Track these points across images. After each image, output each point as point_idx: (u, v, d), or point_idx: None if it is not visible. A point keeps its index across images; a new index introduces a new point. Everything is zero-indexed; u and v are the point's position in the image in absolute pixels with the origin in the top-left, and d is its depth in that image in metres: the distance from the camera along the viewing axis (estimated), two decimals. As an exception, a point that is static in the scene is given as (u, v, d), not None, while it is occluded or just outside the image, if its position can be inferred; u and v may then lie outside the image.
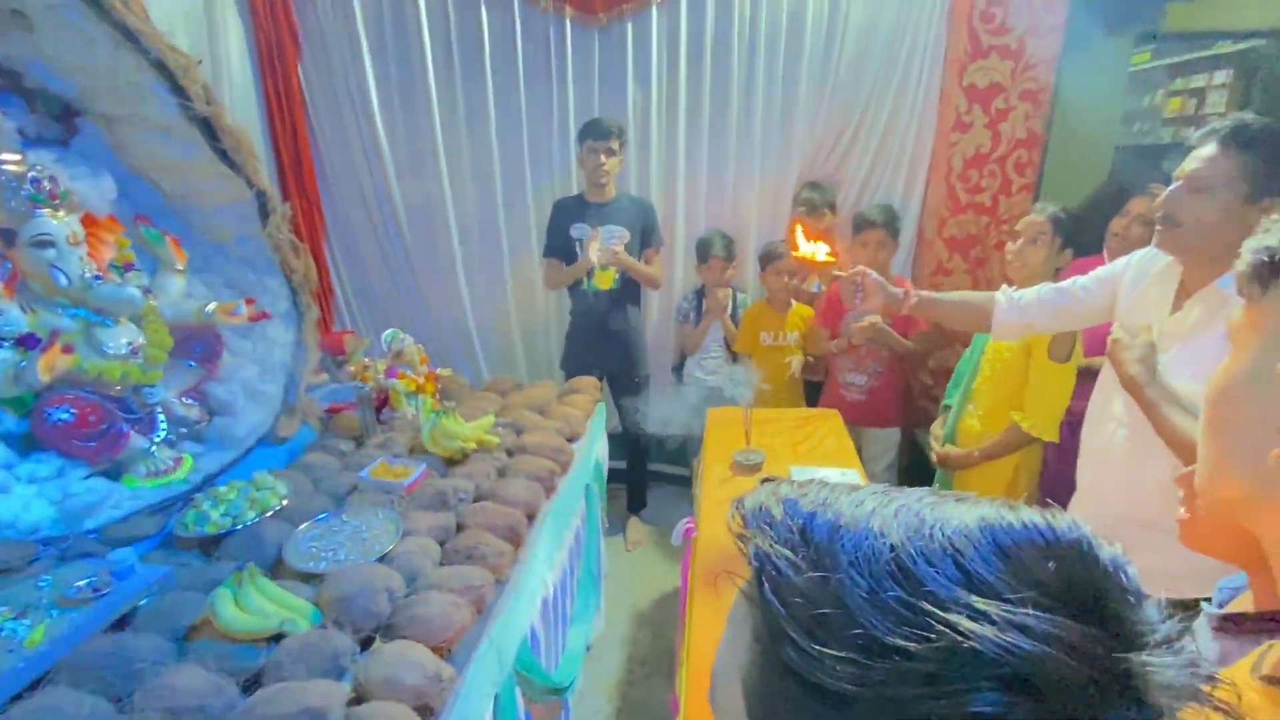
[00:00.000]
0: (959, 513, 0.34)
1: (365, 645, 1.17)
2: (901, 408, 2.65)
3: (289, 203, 2.61)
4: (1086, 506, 1.43)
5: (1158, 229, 1.22)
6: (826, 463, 2.00)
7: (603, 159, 2.47)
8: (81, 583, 1.20)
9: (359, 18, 2.62)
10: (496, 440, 1.87)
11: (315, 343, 2.06)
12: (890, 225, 2.43)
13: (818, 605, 0.31)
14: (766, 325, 2.66)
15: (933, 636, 0.29)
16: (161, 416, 1.67)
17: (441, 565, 1.39)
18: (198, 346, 1.79)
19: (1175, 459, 1.14)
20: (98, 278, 1.51)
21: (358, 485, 1.67)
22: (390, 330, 2.16)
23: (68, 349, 1.46)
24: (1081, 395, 1.59)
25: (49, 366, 1.41)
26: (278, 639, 1.14)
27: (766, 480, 0.40)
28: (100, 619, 1.15)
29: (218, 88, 2.33)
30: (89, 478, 1.50)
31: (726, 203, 2.84)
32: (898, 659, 0.29)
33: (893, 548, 0.32)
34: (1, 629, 1.10)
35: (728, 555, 0.41)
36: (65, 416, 1.47)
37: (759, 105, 2.66)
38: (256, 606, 1.17)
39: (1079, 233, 1.92)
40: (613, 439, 2.70)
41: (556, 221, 2.64)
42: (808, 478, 0.39)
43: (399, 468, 1.70)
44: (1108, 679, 0.29)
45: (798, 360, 2.68)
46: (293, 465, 1.79)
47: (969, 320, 1.58)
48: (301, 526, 1.46)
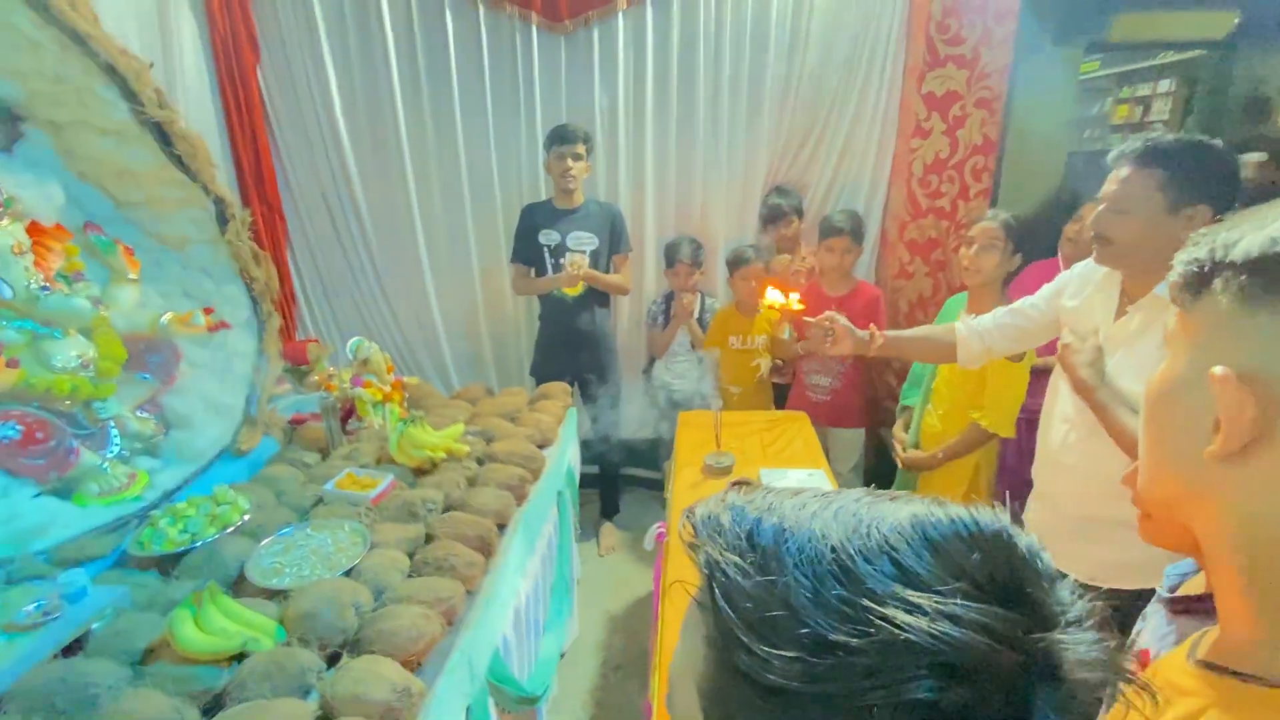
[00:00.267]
0: (893, 511, 0.36)
1: (332, 662, 1.15)
2: (866, 409, 2.71)
3: (249, 209, 2.55)
4: (1044, 504, 1.47)
5: (1094, 247, 1.28)
6: (795, 464, 2.02)
7: (569, 164, 2.48)
8: (30, 607, 1.15)
9: (320, 21, 2.58)
10: (466, 449, 1.86)
11: (278, 352, 2.01)
12: (855, 230, 2.49)
13: (766, 608, 0.32)
14: (735, 329, 2.69)
15: (871, 631, 0.30)
16: (114, 431, 1.61)
17: (411, 577, 1.37)
18: (153, 358, 1.74)
19: (1125, 457, 1.19)
20: (45, 288, 1.45)
21: (323, 498, 1.64)
22: (355, 338, 2.12)
23: (13, 363, 1.40)
24: (1036, 393, 1.65)
25: (-7, 382, 1.36)
26: (240, 659, 1.11)
27: (737, 483, 0.41)
28: (51, 644, 1.11)
29: (172, 92, 2.27)
30: (37, 497, 1.44)
31: (695, 208, 2.86)
32: (840, 654, 0.30)
33: (834, 548, 0.33)
34: (-57, 658, 1.05)
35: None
36: (11, 433, 1.41)
37: (725, 112, 2.69)
38: (217, 626, 1.14)
39: (1030, 238, 1.99)
40: (584, 444, 2.69)
41: (525, 227, 2.63)
42: (775, 481, 0.40)
43: (365, 479, 1.67)
44: (1029, 659, 0.31)
45: (766, 363, 2.72)
46: (255, 479, 1.75)
47: (934, 353, 1.62)
48: (264, 542, 1.43)
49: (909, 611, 0.31)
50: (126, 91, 1.55)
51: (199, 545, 1.40)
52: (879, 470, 2.82)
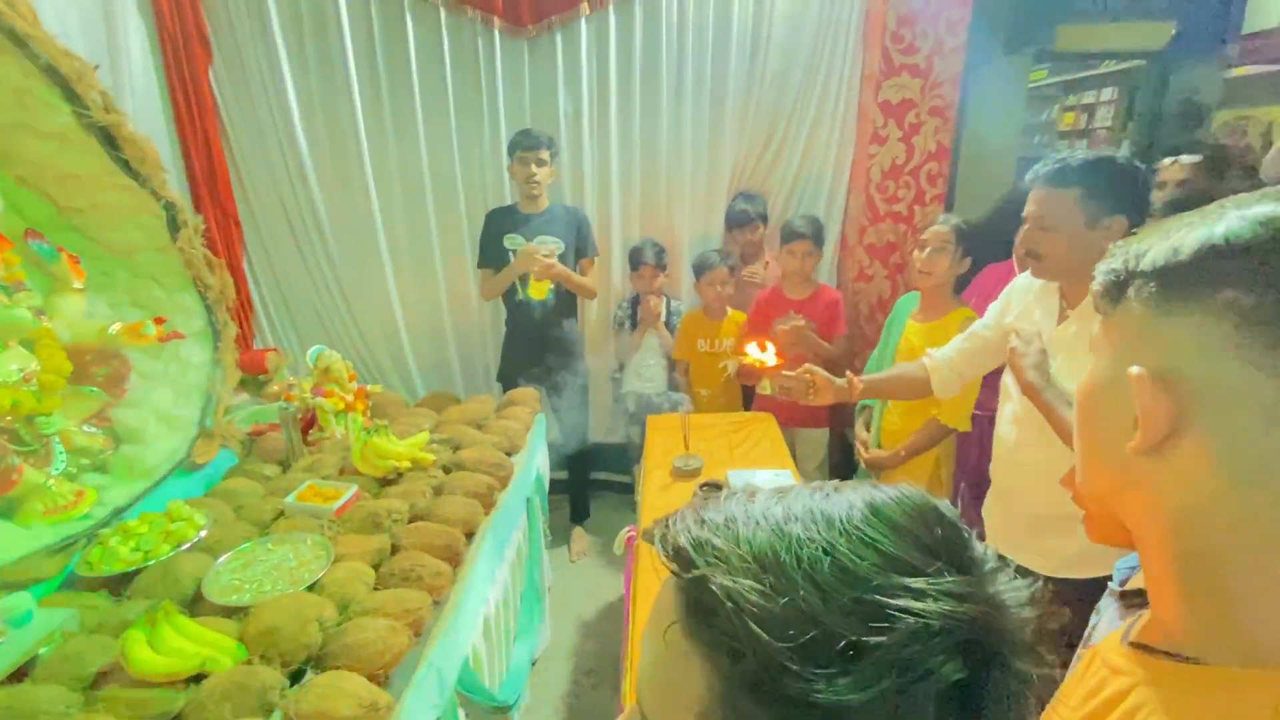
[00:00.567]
0: (846, 502, 0.36)
1: (296, 679, 1.12)
2: (829, 409, 2.75)
3: (201, 215, 2.48)
4: (1002, 501, 1.53)
5: (1028, 262, 1.36)
6: (762, 464, 2.05)
7: (534, 169, 2.47)
8: (-30, 634, 1.10)
9: (275, 21, 2.52)
10: (432, 457, 1.83)
11: (234, 362, 1.96)
12: (816, 235, 2.53)
13: (802, 629, 0.31)
14: (703, 333, 2.72)
15: (892, 626, 0.31)
16: (60, 447, 1.55)
17: (376, 589, 1.35)
18: (102, 371, 1.68)
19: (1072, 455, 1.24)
20: (-18, 300, 1.39)
21: (284, 511, 1.60)
22: (316, 347, 2.08)
23: (-52, 378, 1.34)
24: (990, 385, 1.71)
25: (-74, 398, 1.29)
26: (199, 680, 1.08)
27: (706, 485, 0.42)
28: (-7, 672, 1.06)
29: (119, 94, 2.19)
30: (-24, 518, 1.38)
31: (660, 212, 2.88)
32: (877, 654, 0.31)
33: (825, 550, 0.33)
34: (-127, 692, 0.99)
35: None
36: (-54, 452, 1.35)
37: (688, 116, 2.72)
38: (173, 646, 1.11)
39: (984, 240, 2.06)
40: (553, 449, 2.68)
41: (490, 232, 2.61)
42: (743, 482, 0.40)
43: (328, 490, 1.64)
44: (996, 614, 0.33)
45: (734, 364, 2.75)
46: (212, 493, 1.70)
47: (910, 389, 1.67)
48: (222, 558, 1.39)
49: (917, 598, 0.32)
50: (69, 94, 1.49)
51: (152, 564, 1.35)
52: (843, 468, 2.87)
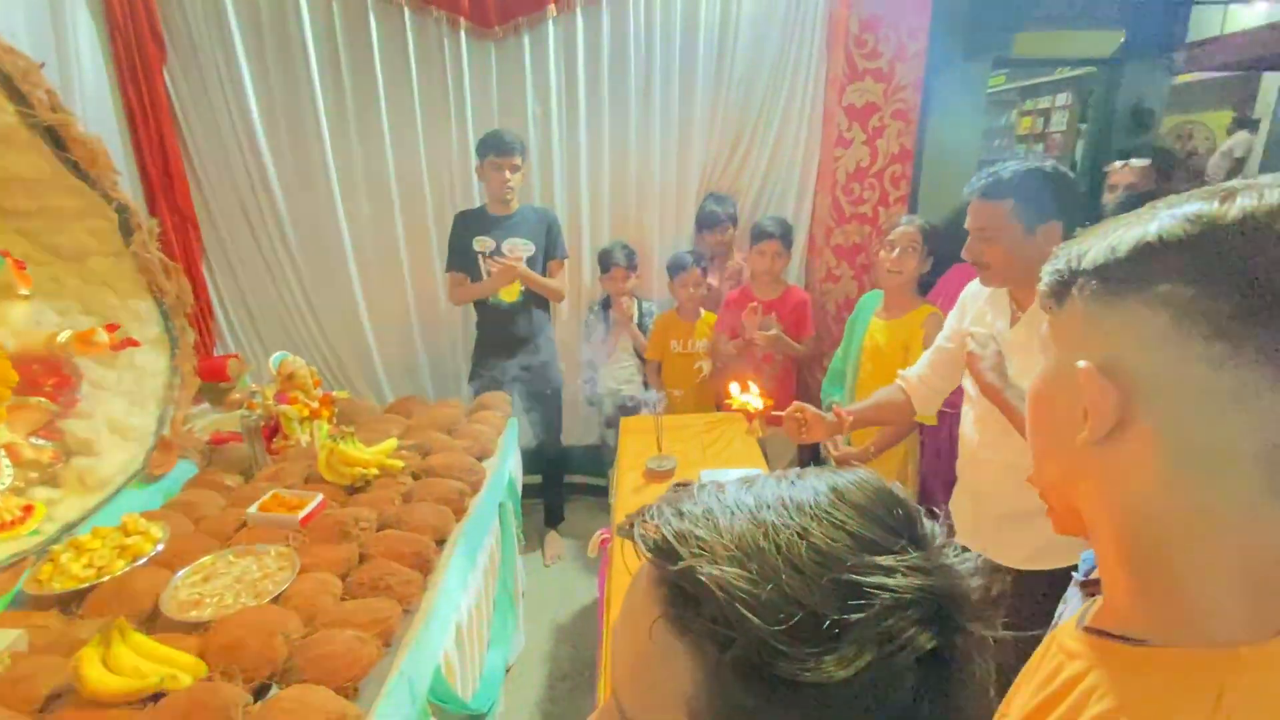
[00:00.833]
0: (811, 488, 0.38)
1: (261, 694, 1.09)
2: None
3: (157, 218, 2.41)
4: (968, 498, 1.56)
5: (977, 271, 1.41)
6: (734, 464, 2.07)
7: (508, 176, 2.45)
8: (-92, 659, 1.05)
9: (232, 18, 2.45)
10: (401, 464, 1.80)
11: (193, 369, 1.90)
12: (785, 236, 2.56)
13: (790, 613, 0.33)
14: (676, 334, 2.73)
15: (868, 603, 0.33)
16: (6, 461, 1.49)
17: (344, 600, 1.32)
18: (49, 380, 1.61)
19: None
20: (-81, 308, 1.33)
21: (247, 521, 1.56)
22: (279, 353, 2.03)
23: (-118, 391, 1.27)
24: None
25: None
26: (157, 699, 1.04)
27: (679, 485, 0.42)
28: (-67, 699, 1.01)
29: (67, 93, 2.11)
30: (-86, 537, 1.31)
31: (630, 213, 2.88)
32: (858, 632, 0.32)
33: (800, 535, 0.35)
34: None
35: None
36: (-119, 468, 1.28)
37: (656, 118, 2.73)
38: (128, 665, 1.07)
39: (947, 241, 2.11)
40: (527, 453, 2.66)
41: (459, 235, 2.58)
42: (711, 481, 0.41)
43: (293, 499, 1.60)
44: (953, 583, 0.35)
45: (707, 364, 2.76)
46: (170, 505, 1.64)
47: (894, 414, 1.69)
48: (181, 572, 1.34)
49: (888, 575, 0.34)
50: (13, 92, 1.43)
51: (106, 580, 1.30)
52: (814, 465, 2.90)
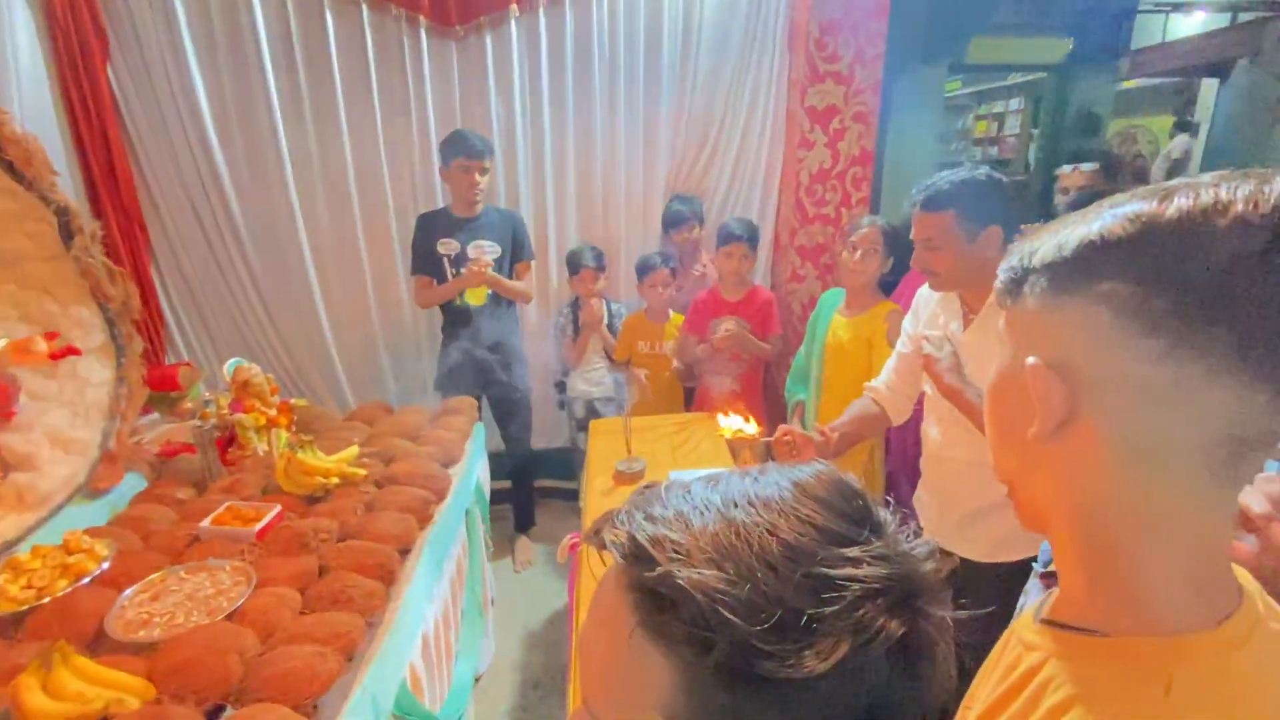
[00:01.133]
0: (774, 483, 0.39)
1: (214, 716, 1.05)
2: (764, 406, 2.82)
3: (101, 220, 2.31)
4: (932, 495, 1.59)
5: (927, 278, 1.45)
6: (704, 464, 2.07)
7: (477, 179, 2.42)
8: None
9: (180, 13, 2.36)
10: (363, 472, 1.76)
11: (141, 378, 1.82)
12: (751, 238, 2.58)
13: (769, 613, 0.33)
14: (644, 335, 2.72)
15: (839, 595, 0.33)
16: (-65, 478, 1.40)
17: (303, 614, 1.28)
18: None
19: None
20: None
21: (199, 536, 1.50)
22: (234, 360, 1.96)
23: None
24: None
25: None
26: (101, 725, 0.99)
27: (647, 487, 0.41)
28: None
29: (3, 89, 2.02)
30: None
31: (597, 215, 2.87)
32: (831, 624, 0.33)
33: (769, 532, 0.35)
34: None
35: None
36: None
37: (621, 118, 2.72)
38: (71, 691, 1.01)
39: (907, 242, 2.15)
40: (495, 458, 2.62)
41: (422, 237, 2.53)
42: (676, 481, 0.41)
43: (249, 511, 1.54)
44: (914, 568, 0.36)
45: (678, 363, 2.77)
46: (116, 520, 1.57)
47: (874, 426, 1.73)
48: (128, 591, 1.28)
49: (856, 566, 0.35)
50: (-63, 88, 1.35)
51: (47, 601, 1.24)
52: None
